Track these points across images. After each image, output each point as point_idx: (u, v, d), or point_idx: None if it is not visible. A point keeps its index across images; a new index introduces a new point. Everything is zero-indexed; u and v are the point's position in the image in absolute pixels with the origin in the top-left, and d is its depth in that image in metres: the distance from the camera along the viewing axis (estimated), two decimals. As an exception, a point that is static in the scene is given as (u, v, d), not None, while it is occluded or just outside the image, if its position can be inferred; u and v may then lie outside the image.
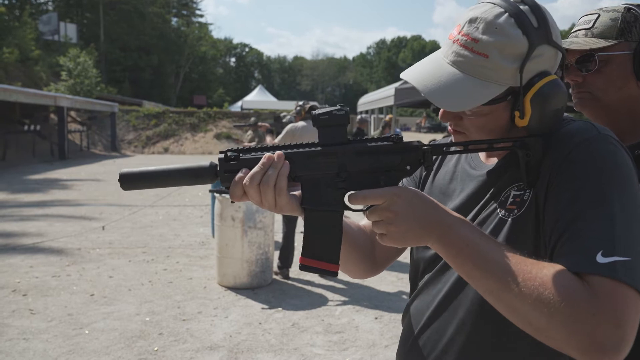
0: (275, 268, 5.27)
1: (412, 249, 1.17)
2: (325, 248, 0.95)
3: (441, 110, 0.97)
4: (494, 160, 1.03)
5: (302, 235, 0.95)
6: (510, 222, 0.92)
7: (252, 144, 10.33)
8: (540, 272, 0.77)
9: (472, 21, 0.90)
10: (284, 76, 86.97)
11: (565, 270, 0.77)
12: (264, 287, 4.92)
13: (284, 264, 5.21)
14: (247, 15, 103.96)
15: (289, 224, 5.24)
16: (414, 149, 0.92)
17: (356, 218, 1.20)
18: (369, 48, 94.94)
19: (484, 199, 0.99)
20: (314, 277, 5.28)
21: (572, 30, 1.33)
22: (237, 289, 4.82)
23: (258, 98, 41.35)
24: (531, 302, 0.76)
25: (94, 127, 24.70)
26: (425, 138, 25.28)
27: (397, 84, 14.81)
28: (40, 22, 33.98)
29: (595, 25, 1.27)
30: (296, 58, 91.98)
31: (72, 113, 23.69)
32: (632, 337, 0.73)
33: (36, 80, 26.43)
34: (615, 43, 1.23)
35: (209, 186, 7.12)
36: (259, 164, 0.91)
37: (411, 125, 47.52)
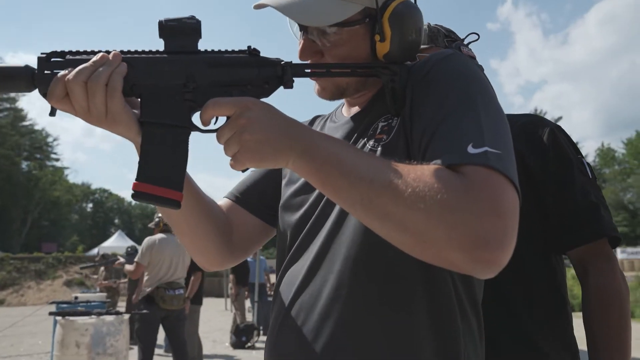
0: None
1: (277, 232, 1.06)
2: (166, 171, 0.80)
3: (300, 46, 0.95)
4: (355, 110, 1.01)
5: None
6: (380, 149, 0.88)
7: (109, 282, 9.50)
8: (413, 170, 0.73)
9: None
10: (146, 222, 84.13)
11: (438, 166, 0.73)
12: None
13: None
14: (108, 161, 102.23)
15: (145, 349, 4.70)
16: (272, 63, 0.86)
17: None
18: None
19: (352, 139, 0.95)
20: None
21: None
22: None
23: (117, 244, 38.95)
24: (406, 200, 0.70)
25: None
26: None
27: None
28: None
29: None
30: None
31: None
32: (515, 233, 0.69)
33: None
34: (428, 47, 1.49)
35: (49, 332, 6.22)
36: (91, 61, 0.78)
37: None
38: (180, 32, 0.82)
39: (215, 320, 11.76)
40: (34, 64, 0.81)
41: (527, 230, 1.21)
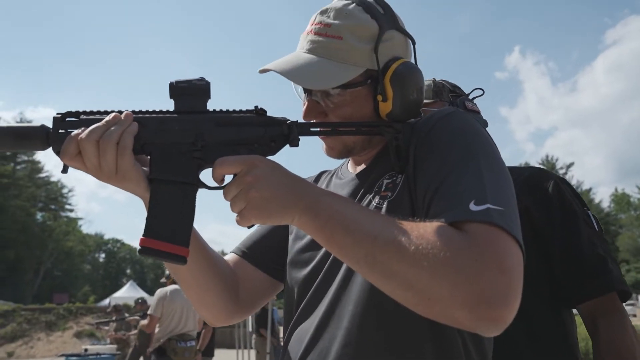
0: None
1: (285, 288, 1.06)
2: (173, 227, 0.81)
3: (305, 108, 0.97)
4: (361, 167, 1.02)
5: None
6: (386, 205, 0.89)
7: (119, 334, 9.38)
8: (416, 227, 0.73)
9: (322, 12, 0.96)
10: (158, 272, 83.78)
11: (441, 224, 0.73)
12: None
13: None
14: (122, 212, 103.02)
15: None
16: (278, 123, 0.87)
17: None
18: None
19: (358, 196, 0.96)
20: None
21: None
22: None
23: (128, 294, 38.68)
24: (409, 258, 0.70)
25: None
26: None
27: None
28: None
29: None
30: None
31: None
32: (519, 290, 0.69)
33: None
34: (433, 101, 1.55)
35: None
36: (103, 121, 0.80)
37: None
38: (190, 93, 0.84)
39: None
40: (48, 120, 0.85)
41: (535, 284, 1.19)
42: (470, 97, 1.59)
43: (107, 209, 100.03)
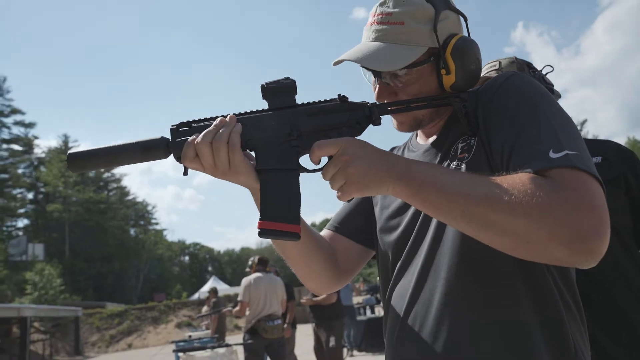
0: None
1: (377, 254, 1.07)
2: (284, 209, 0.82)
3: (377, 90, 0.95)
4: (433, 138, 0.99)
5: None
6: (465, 166, 0.86)
7: (208, 314, 9.56)
8: (504, 179, 0.73)
9: (382, 4, 0.94)
10: (234, 266, 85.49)
11: (526, 173, 0.72)
12: None
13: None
14: (196, 219, 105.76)
15: None
16: (360, 107, 0.87)
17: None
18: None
19: (437, 162, 0.94)
20: None
21: (484, 74, 1.55)
22: None
23: (213, 287, 39.62)
24: (505, 207, 0.69)
25: (57, 334, 22.37)
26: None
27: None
28: (10, 246, 32.63)
29: (501, 67, 1.52)
30: (243, 249, 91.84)
31: (36, 324, 21.54)
32: (608, 224, 0.69)
33: (1, 299, 24.36)
34: None
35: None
36: (212, 125, 0.81)
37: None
38: (280, 91, 0.84)
39: (307, 343, 11.64)
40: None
41: (632, 242, 1.21)
42: (543, 72, 1.56)
43: (184, 219, 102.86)
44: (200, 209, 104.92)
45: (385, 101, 0.94)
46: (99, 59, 76.87)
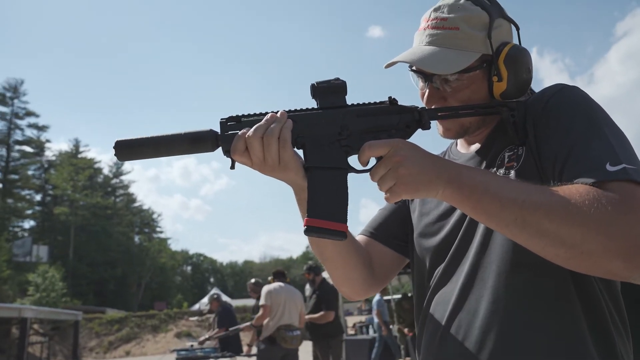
0: None
1: (412, 261, 1.04)
2: (332, 207, 0.80)
3: (427, 94, 0.94)
4: (476, 146, 0.98)
5: None
6: (514, 174, 0.85)
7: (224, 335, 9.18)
8: (560, 189, 0.71)
9: (436, 10, 0.93)
10: (237, 278, 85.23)
11: (583, 184, 0.71)
12: None
13: None
14: (201, 229, 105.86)
15: None
16: (409, 110, 0.87)
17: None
18: (307, 247, 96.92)
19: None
20: None
21: None
22: None
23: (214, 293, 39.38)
24: (561, 217, 0.67)
25: (56, 337, 22.30)
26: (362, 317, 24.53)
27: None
28: (15, 246, 32.75)
29: None
30: (246, 262, 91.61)
31: (35, 326, 21.49)
32: None
33: (3, 298, 24.38)
34: None
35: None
36: (264, 120, 0.81)
37: (353, 309, 46.41)
38: (330, 91, 0.84)
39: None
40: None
41: None
42: None
43: (189, 228, 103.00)
44: (206, 220, 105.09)
45: (434, 106, 0.93)
46: (113, 64, 78.13)
